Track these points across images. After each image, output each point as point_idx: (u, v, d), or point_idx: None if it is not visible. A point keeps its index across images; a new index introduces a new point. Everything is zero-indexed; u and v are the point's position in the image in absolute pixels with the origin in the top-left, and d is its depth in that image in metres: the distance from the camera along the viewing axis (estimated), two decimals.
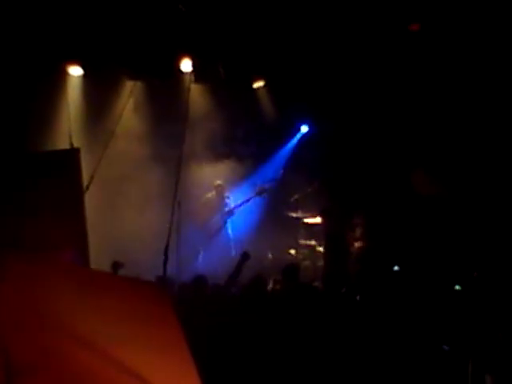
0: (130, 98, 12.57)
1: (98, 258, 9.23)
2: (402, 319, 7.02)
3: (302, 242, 12.42)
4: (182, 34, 11.44)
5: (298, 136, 13.31)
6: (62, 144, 11.27)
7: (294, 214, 12.55)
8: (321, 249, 12.02)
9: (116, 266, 9.55)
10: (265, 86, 13.27)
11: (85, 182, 10.13)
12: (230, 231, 12.50)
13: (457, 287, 8.44)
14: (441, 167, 11.27)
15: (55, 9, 10.54)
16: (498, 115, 10.81)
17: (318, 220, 12.08)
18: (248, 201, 12.39)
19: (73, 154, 9.94)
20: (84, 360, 3.13)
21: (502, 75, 10.65)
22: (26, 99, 11.44)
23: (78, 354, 3.13)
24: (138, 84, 12.74)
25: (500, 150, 10.78)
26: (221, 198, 12.49)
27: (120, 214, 12.03)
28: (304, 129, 13.24)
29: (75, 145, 10.84)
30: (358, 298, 8.06)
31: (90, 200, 10.40)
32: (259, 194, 12.34)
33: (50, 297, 3.26)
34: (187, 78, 12.64)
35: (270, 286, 9.81)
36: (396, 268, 10.85)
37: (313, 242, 12.30)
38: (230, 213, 12.44)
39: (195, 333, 3.91)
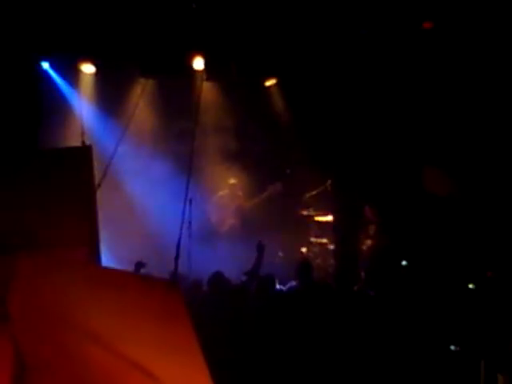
0: (142, 96, 12.60)
1: (110, 256, 9.27)
2: (415, 317, 7.00)
3: (314, 239, 12.39)
4: (194, 32, 11.43)
5: None
6: (75, 141, 11.32)
7: (306, 212, 12.52)
8: (332, 247, 11.99)
9: (139, 265, 9.59)
10: (277, 83, 13.26)
11: (97, 179, 10.18)
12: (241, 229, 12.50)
13: (470, 286, 8.41)
14: (454, 165, 11.22)
15: (68, 6, 10.55)
16: (509, 113, 10.76)
17: (329, 218, 12.05)
18: (261, 199, 12.38)
19: (85, 151, 9.97)
20: (96, 356, 3.14)
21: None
22: (38, 96, 11.46)
23: (90, 351, 3.14)
24: (150, 81, 12.75)
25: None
26: (234, 196, 12.48)
27: (131, 211, 12.05)
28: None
29: (87, 142, 10.89)
30: (371, 294, 8.04)
31: (102, 197, 10.45)
32: (271, 192, 12.33)
33: (62, 294, 3.27)
34: (199, 75, 12.65)
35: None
36: (404, 263, 10.83)
37: (324, 240, 12.28)
38: (243, 211, 12.43)
39: (209, 330, 3.90)
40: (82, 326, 3.18)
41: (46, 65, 11.96)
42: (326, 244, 12.23)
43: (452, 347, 6.72)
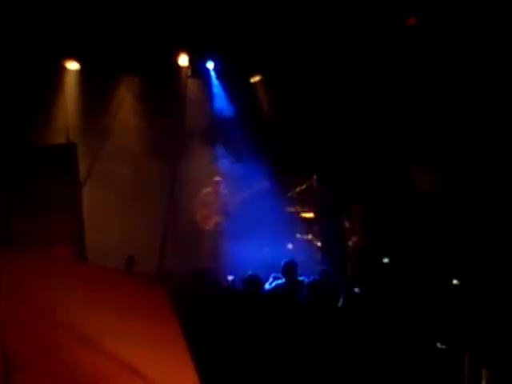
0: (126, 93, 12.57)
1: (95, 254, 9.25)
2: (399, 313, 7.03)
3: (299, 236, 12.41)
4: (179, 29, 11.42)
5: None
6: (59, 138, 11.28)
7: (292, 209, 12.54)
8: (318, 243, 12.02)
9: (131, 260, 9.57)
10: (262, 80, 13.29)
11: (82, 176, 10.16)
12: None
13: (455, 281, 8.46)
14: (439, 163, 11.27)
15: (53, 4, 10.51)
16: (498, 111, 10.81)
17: (314, 214, 12.07)
18: (246, 196, 12.37)
19: (70, 148, 9.95)
20: (82, 356, 3.14)
21: (501, 70, 10.64)
22: (22, 93, 11.41)
23: (76, 350, 3.13)
24: (135, 78, 12.73)
25: (498, 146, 10.78)
26: (219, 193, 12.47)
27: (116, 209, 12.02)
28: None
29: (72, 139, 10.86)
30: (356, 290, 8.07)
31: (87, 195, 10.43)
32: (257, 188, 12.32)
33: (47, 293, 3.26)
34: (184, 72, 12.64)
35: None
36: (386, 260, 10.88)
37: (309, 237, 12.30)
38: (228, 208, 12.43)
39: (196, 328, 3.91)
40: (68, 324, 3.18)
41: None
42: (311, 240, 12.24)
43: (438, 344, 6.75)
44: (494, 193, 10.59)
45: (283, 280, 8.74)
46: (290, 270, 8.76)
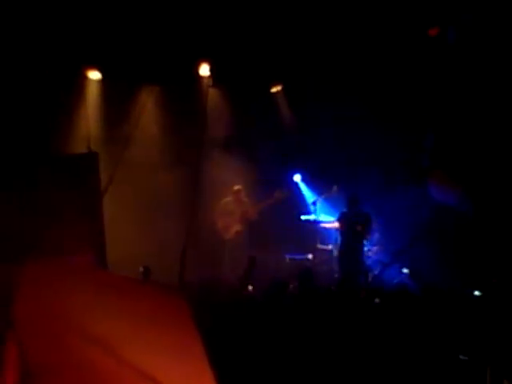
0: (147, 102, 12.63)
1: (115, 262, 9.28)
2: (422, 324, 6.98)
3: (320, 246, 12.38)
4: (200, 39, 11.47)
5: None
6: (81, 148, 11.35)
7: (312, 219, 12.52)
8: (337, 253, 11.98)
9: (147, 271, 9.60)
10: (282, 89, 13.33)
11: (102, 185, 10.20)
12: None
13: (476, 293, 8.41)
14: (460, 170, 11.21)
15: (75, 14, 10.58)
16: None
17: (335, 224, 12.04)
18: (266, 205, 12.37)
19: (91, 157, 10.02)
20: (102, 363, 3.14)
21: None
22: (44, 103, 11.49)
23: (97, 357, 3.14)
24: (156, 88, 12.79)
25: None
26: (239, 202, 12.47)
27: (137, 219, 12.05)
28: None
29: (93, 149, 10.92)
30: (376, 301, 8.03)
31: (108, 203, 10.47)
32: (278, 198, 12.32)
33: (67, 300, 3.27)
34: (205, 82, 12.69)
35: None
36: (405, 271, 10.84)
37: (330, 247, 12.26)
38: (249, 217, 12.42)
39: (213, 336, 3.90)
40: (88, 331, 3.19)
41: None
42: (331, 250, 12.20)
43: (461, 356, 6.70)
44: None
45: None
46: (305, 277, 8.73)
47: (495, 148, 10.92)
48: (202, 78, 12.68)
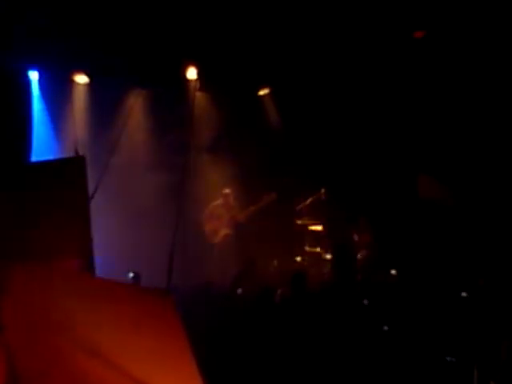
0: (135, 106, 12.60)
1: (102, 267, 9.24)
2: (408, 326, 7.01)
3: (308, 249, 12.39)
4: (187, 42, 11.46)
5: None
6: (68, 152, 11.31)
7: (300, 222, 12.53)
8: (327, 256, 11.99)
9: (137, 276, 9.60)
10: (270, 92, 13.34)
11: (90, 190, 10.17)
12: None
13: (463, 294, 8.44)
14: (447, 172, 11.26)
15: (61, 18, 10.56)
16: (503, 120, 10.80)
17: (323, 227, 12.06)
18: (255, 209, 12.38)
19: (78, 161, 9.97)
20: (89, 368, 3.14)
21: (506, 80, 10.65)
22: (30, 107, 11.46)
23: (84, 363, 3.14)
24: (143, 92, 12.77)
25: (506, 156, 10.77)
26: (228, 206, 12.46)
27: (125, 223, 12.02)
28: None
29: (81, 153, 10.87)
30: (365, 302, 8.06)
31: (94, 208, 10.44)
32: (266, 201, 12.32)
33: (56, 305, 3.27)
34: (192, 85, 12.68)
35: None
36: (393, 272, 10.86)
37: (318, 249, 12.28)
38: (237, 221, 12.42)
39: (202, 340, 3.91)
40: (76, 336, 3.19)
41: (34, 75, 11.95)
42: (320, 253, 12.22)
43: (448, 358, 6.73)
44: (504, 205, 10.57)
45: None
46: (298, 281, 8.74)
47: (483, 150, 10.99)
48: (189, 81, 12.68)
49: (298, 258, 12.39)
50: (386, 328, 7.26)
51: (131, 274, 9.68)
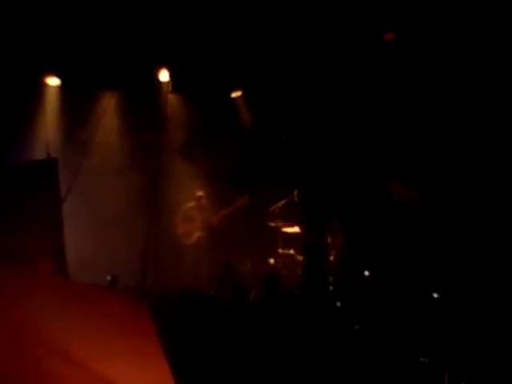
0: (107, 108, 12.55)
1: (75, 269, 9.20)
2: (381, 327, 7.05)
3: (281, 251, 12.41)
4: (159, 44, 11.44)
5: None
6: (39, 154, 11.23)
7: (273, 224, 12.54)
8: (299, 258, 12.01)
9: (114, 279, 9.55)
10: (242, 94, 13.35)
11: (62, 192, 10.11)
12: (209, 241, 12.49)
13: (435, 295, 8.50)
14: (419, 174, 11.33)
15: (33, 19, 10.48)
16: (473, 123, 10.89)
17: (296, 229, 12.08)
18: (229, 211, 12.37)
19: (50, 163, 9.91)
20: (60, 369, 3.13)
21: (480, 83, 10.74)
22: (2, 109, 11.36)
23: (55, 364, 3.13)
24: (116, 93, 12.72)
25: (478, 158, 10.86)
26: (201, 208, 12.45)
27: (97, 225, 11.97)
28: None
29: (53, 155, 10.81)
30: (338, 304, 8.09)
31: (67, 210, 10.39)
32: (240, 204, 12.32)
33: (27, 308, 3.25)
34: (165, 87, 12.66)
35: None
36: (366, 273, 10.91)
37: (291, 251, 12.29)
38: (210, 223, 12.41)
39: (179, 341, 3.91)
40: (48, 339, 3.18)
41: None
42: (293, 255, 12.24)
43: (421, 358, 6.77)
44: (476, 206, 10.66)
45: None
46: (271, 283, 8.77)
47: (455, 152, 11.08)
48: (161, 83, 12.64)
49: (271, 260, 12.38)
50: (357, 327, 7.29)
51: (109, 277, 9.63)
